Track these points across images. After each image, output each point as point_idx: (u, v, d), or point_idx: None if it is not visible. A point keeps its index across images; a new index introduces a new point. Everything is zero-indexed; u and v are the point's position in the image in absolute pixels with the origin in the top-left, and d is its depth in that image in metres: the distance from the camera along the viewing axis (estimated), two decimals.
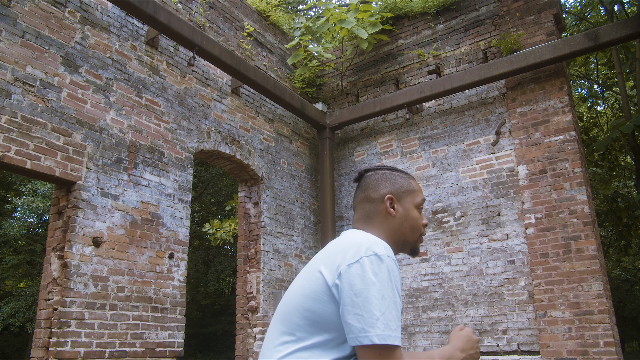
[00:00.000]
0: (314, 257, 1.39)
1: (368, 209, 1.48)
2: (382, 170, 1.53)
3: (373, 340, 1.15)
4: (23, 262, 13.84)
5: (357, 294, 1.18)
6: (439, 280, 6.37)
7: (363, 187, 1.51)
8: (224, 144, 6.23)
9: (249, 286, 6.45)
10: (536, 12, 6.39)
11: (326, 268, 1.28)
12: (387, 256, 1.24)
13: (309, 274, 1.32)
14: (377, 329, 1.15)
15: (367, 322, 1.16)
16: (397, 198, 1.47)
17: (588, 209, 5.56)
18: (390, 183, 1.49)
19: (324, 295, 1.25)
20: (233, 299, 14.33)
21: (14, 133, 4.21)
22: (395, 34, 7.62)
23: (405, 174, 1.53)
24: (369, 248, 1.25)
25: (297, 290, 1.32)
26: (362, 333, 1.16)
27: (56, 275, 4.41)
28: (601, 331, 5.19)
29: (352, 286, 1.20)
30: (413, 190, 1.51)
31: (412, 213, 1.48)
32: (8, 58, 4.28)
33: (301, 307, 1.27)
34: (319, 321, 1.24)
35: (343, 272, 1.23)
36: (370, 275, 1.20)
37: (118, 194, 4.88)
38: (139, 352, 4.74)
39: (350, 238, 1.35)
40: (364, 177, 1.54)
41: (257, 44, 7.31)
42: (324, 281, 1.26)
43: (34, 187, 13.41)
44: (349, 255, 1.25)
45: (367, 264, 1.21)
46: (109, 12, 5.22)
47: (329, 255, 1.32)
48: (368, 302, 1.17)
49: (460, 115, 6.76)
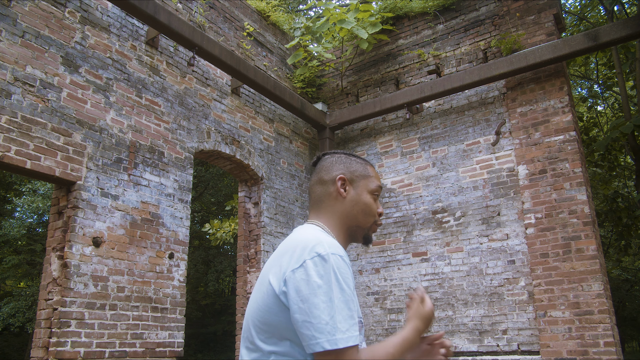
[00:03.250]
0: (266, 263, 1.37)
1: (319, 192, 1.45)
2: (339, 154, 1.50)
3: (324, 346, 1.13)
4: (23, 262, 13.84)
5: (304, 300, 1.17)
6: (439, 280, 6.37)
7: (317, 170, 1.49)
8: (224, 144, 6.23)
9: (249, 286, 6.46)
10: (536, 12, 6.39)
11: (274, 276, 1.26)
12: (331, 254, 1.21)
13: (261, 284, 1.31)
14: (327, 334, 1.14)
15: (317, 329, 1.14)
16: (349, 180, 1.44)
17: (588, 209, 5.56)
18: (344, 166, 1.46)
19: (274, 307, 1.23)
20: (233, 299, 14.33)
21: (14, 133, 4.21)
22: (395, 34, 7.62)
23: (363, 160, 1.51)
24: (311, 249, 1.22)
25: (252, 304, 1.31)
26: (312, 340, 1.15)
27: (56, 275, 4.41)
28: (601, 331, 5.19)
29: (298, 292, 1.18)
30: (368, 175, 1.47)
31: (365, 197, 1.44)
32: (8, 58, 4.28)
33: (258, 322, 1.27)
34: (276, 332, 1.23)
35: (288, 278, 1.21)
36: (315, 278, 1.17)
37: (118, 194, 4.88)
38: (139, 352, 4.74)
39: (296, 238, 1.32)
40: (320, 160, 1.52)
41: (257, 44, 7.31)
42: (272, 291, 1.24)
43: (34, 187, 13.41)
44: (293, 258, 1.23)
45: (310, 267, 1.19)
46: (109, 12, 5.22)
47: (276, 260, 1.30)
48: (315, 308, 1.15)
49: (460, 115, 6.76)
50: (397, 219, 6.91)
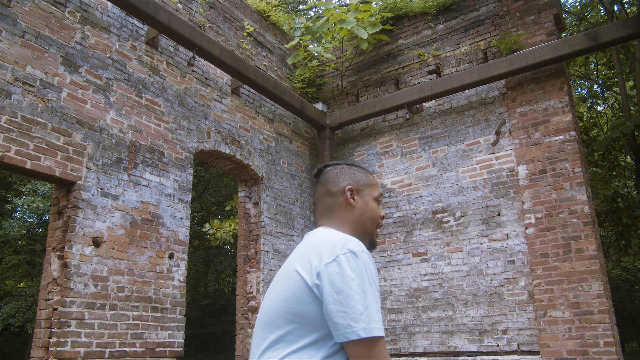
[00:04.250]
0: (286, 260, 1.42)
1: (329, 203, 1.52)
2: (341, 165, 1.58)
3: (360, 334, 1.19)
4: (23, 262, 13.84)
5: (339, 291, 1.22)
6: (439, 280, 6.37)
7: (323, 182, 1.56)
8: (224, 144, 6.23)
9: (249, 286, 6.46)
10: (536, 12, 6.39)
11: (303, 269, 1.30)
12: (362, 252, 1.28)
13: (286, 278, 1.34)
14: (362, 322, 1.19)
15: (352, 318, 1.19)
16: (356, 190, 1.52)
17: (588, 209, 5.56)
18: (349, 176, 1.54)
19: (305, 297, 1.27)
20: (233, 299, 14.33)
21: (14, 133, 4.21)
22: (395, 34, 7.62)
23: (363, 169, 1.59)
24: (343, 246, 1.28)
25: (277, 297, 1.33)
26: (347, 329, 1.19)
27: (56, 275, 4.41)
28: (601, 331, 5.19)
29: (332, 284, 1.23)
30: (371, 184, 1.56)
31: (371, 205, 1.53)
32: (8, 58, 4.28)
33: (285, 312, 1.29)
34: (305, 323, 1.27)
35: (321, 271, 1.26)
36: (348, 272, 1.23)
37: (118, 194, 4.88)
38: (139, 352, 4.74)
39: (322, 237, 1.38)
40: (323, 172, 1.58)
41: (257, 44, 7.31)
42: (303, 283, 1.28)
43: (34, 187, 13.41)
44: (324, 254, 1.28)
45: (344, 262, 1.25)
46: (109, 12, 5.22)
47: (303, 257, 1.34)
48: (350, 299, 1.21)
49: (460, 115, 6.76)
50: (397, 219, 6.91)
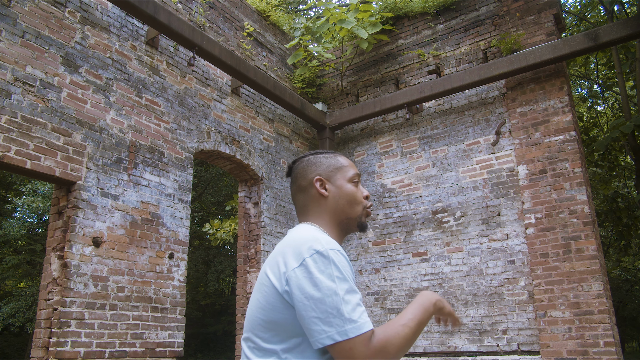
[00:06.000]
0: (265, 261, 1.37)
1: (302, 199, 1.47)
2: (307, 157, 1.51)
3: (335, 338, 1.14)
4: (23, 262, 13.84)
5: (308, 297, 1.18)
6: (439, 280, 6.37)
7: (294, 179, 1.51)
8: (224, 144, 6.23)
9: (249, 286, 6.46)
10: (536, 12, 6.39)
11: (273, 275, 1.27)
12: (329, 250, 1.23)
13: (261, 285, 1.32)
14: (337, 326, 1.15)
15: (325, 322, 1.15)
16: (326, 178, 1.46)
17: (588, 209, 5.56)
18: (315, 166, 1.48)
19: (278, 304, 1.24)
20: (233, 299, 14.33)
21: (14, 133, 4.21)
22: (395, 34, 7.62)
23: (331, 153, 1.52)
24: (310, 247, 1.23)
25: (254, 304, 1.32)
26: (322, 334, 1.16)
27: (56, 275, 4.41)
28: (601, 331, 5.19)
29: (301, 290, 1.19)
30: (342, 166, 1.49)
31: (346, 188, 1.46)
32: (8, 58, 4.28)
33: (262, 320, 1.27)
34: (282, 330, 1.24)
35: (290, 277, 1.22)
36: (316, 274, 1.19)
37: (118, 194, 4.88)
38: (139, 352, 4.74)
39: (293, 237, 1.34)
40: (292, 168, 1.53)
41: (257, 44, 7.31)
42: (274, 290, 1.25)
43: (34, 187, 13.41)
44: (291, 258, 1.25)
45: (311, 265, 1.21)
46: (109, 12, 5.22)
47: (272, 260, 1.31)
48: (321, 302, 1.17)
49: (460, 115, 6.76)
50: (397, 219, 6.91)
